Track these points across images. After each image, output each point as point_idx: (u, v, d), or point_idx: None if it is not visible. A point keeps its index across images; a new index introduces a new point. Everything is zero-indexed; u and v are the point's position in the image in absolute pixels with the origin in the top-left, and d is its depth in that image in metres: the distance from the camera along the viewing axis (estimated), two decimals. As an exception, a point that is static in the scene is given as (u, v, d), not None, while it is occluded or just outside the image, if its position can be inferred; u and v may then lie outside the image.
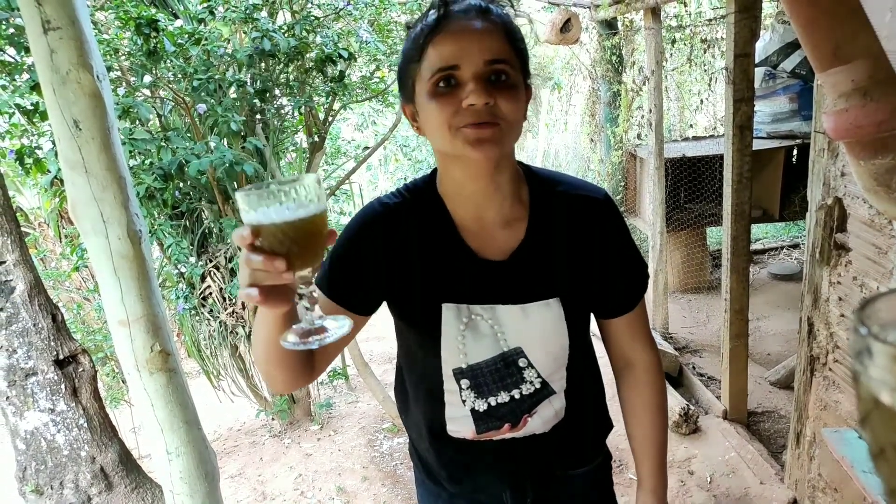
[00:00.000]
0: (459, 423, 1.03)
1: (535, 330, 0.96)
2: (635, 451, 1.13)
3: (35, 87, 2.18)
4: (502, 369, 0.98)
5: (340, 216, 5.57)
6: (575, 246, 0.96)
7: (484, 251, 0.95)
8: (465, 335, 0.96)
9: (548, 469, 1.11)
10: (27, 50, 2.16)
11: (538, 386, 0.99)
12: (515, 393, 0.99)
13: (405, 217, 0.96)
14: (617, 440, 1.20)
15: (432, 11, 0.83)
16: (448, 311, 0.95)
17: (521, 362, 0.97)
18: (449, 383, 1.00)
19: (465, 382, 0.99)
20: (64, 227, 3.89)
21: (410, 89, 0.88)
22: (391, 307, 1.02)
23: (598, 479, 1.18)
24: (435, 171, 0.99)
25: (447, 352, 0.97)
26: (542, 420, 1.03)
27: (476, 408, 1.01)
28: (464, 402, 1.00)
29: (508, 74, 0.83)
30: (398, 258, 0.96)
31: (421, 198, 0.98)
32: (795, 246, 5.62)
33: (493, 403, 1.00)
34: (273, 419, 3.66)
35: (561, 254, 0.96)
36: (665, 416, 1.12)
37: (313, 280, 0.69)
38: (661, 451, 1.11)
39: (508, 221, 0.95)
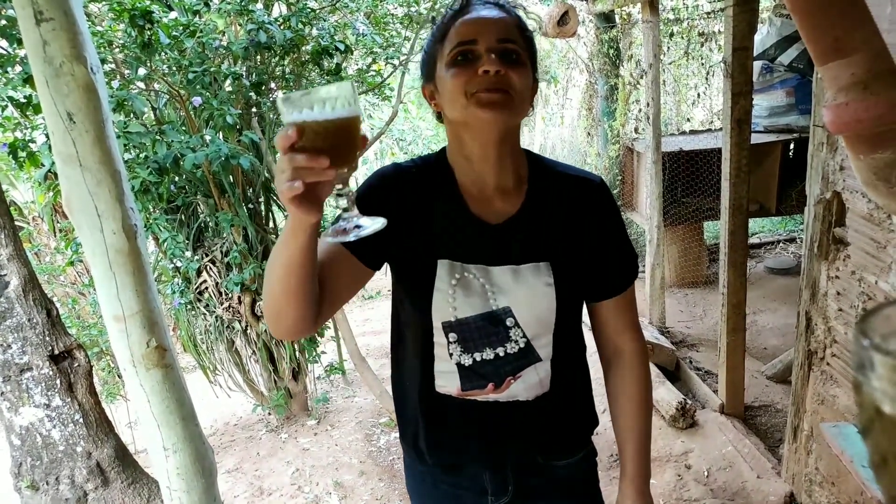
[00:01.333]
0: (446, 377, 1.08)
1: (523, 290, 1.01)
2: (619, 439, 1.16)
3: (28, 80, 2.15)
4: (489, 326, 1.03)
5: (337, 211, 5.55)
6: (568, 221, 1.04)
7: (483, 215, 1.03)
8: (456, 290, 1.02)
9: (529, 453, 1.13)
10: (20, 42, 2.13)
11: (522, 346, 1.04)
12: (500, 350, 1.04)
13: (415, 179, 1.06)
14: (612, 435, 1.21)
15: (456, 2, 0.99)
16: (442, 267, 1.02)
17: (509, 321, 1.03)
18: (438, 336, 1.05)
19: (452, 336, 1.04)
20: (58, 222, 3.87)
21: (432, 67, 0.99)
22: (391, 263, 1.08)
23: (582, 473, 1.20)
24: (445, 148, 1.08)
25: (437, 304, 1.03)
26: (525, 385, 1.06)
27: (462, 362, 1.05)
28: (451, 355, 1.05)
29: (519, 54, 0.94)
30: (404, 215, 1.03)
31: (431, 165, 1.08)
32: (791, 240, 5.62)
33: (479, 359, 1.05)
34: (270, 414, 3.66)
35: (554, 225, 1.04)
36: (649, 405, 1.16)
37: (349, 180, 0.74)
38: (643, 439, 1.14)
39: (507, 192, 1.04)
